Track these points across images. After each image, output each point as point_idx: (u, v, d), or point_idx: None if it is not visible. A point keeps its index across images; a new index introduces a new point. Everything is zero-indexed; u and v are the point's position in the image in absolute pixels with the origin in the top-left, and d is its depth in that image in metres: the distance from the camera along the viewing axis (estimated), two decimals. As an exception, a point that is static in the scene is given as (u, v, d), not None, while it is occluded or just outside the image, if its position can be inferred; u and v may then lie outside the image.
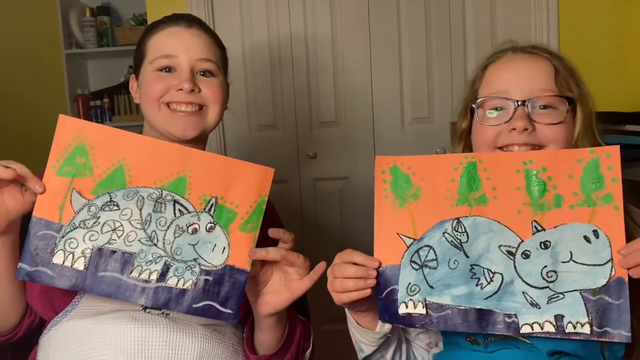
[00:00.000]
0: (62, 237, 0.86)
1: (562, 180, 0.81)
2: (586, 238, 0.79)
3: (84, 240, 0.86)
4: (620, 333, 0.75)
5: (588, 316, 0.77)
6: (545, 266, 0.80)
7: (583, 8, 2.20)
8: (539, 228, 0.81)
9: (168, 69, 1.04)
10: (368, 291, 0.85)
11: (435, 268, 0.84)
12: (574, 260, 0.79)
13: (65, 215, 0.87)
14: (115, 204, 0.88)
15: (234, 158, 0.91)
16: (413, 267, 0.85)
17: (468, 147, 1.01)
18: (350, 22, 2.35)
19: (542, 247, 0.80)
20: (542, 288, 0.79)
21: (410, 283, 0.85)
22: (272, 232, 0.91)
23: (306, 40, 2.38)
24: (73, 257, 0.86)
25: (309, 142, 2.42)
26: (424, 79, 2.34)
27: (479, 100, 0.96)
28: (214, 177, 0.89)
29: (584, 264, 0.78)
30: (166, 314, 0.98)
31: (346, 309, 0.93)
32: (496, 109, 0.94)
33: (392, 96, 2.36)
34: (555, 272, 0.79)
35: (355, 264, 0.86)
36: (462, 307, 0.82)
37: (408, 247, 0.86)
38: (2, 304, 0.97)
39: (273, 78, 2.40)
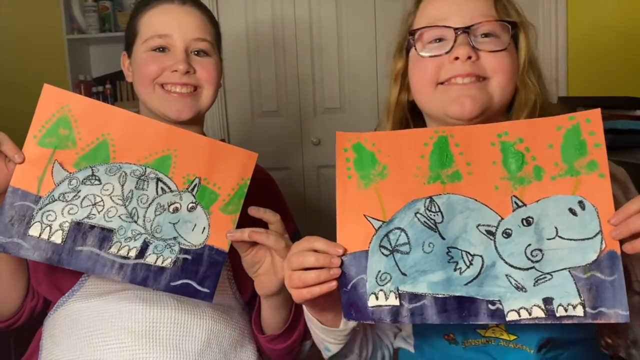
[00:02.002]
0: (40, 209, 0.84)
1: (541, 150, 0.73)
2: (571, 211, 0.71)
3: (62, 214, 0.84)
4: (617, 312, 0.66)
5: (580, 296, 0.68)
6: (529, 245, 0.71)
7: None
8: (520, 204, 0.73)
9: (162, 49, 1.01)
10: (333, 284, 0.75)
11: (407, 253, 0.75)
12: (560, 236, 0.70)
13: (44, 187, 0.84)
14: (97, 178, 0.86)
15: (226, 142, 0.90)
16: (383, 253, 0.75)
17: (406, 90, 0.92)
18: (355, 7, 2.31)
19: (525, 224, 0.72)
20: (527, 269, 0.71)
21: (380, 271, 0.75)
22: (252, 211, 0.89)
23: (310, 25, 2.34)
24: (50, 230, 0.84)
25: (313, 128, 2.38)
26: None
27: (415, 33, 0.87)
28: (199, 158, 0.89)
29: (571, 239, 0.70)
30: None
31: (304, 307, 0.82)
32: (435, 40, 0.86)
33: None
34: (540, 250, 0.71)
35: (316, 251, 0.75)
36: (439, 296, 0.73)
37: (376, 230, 0.76)
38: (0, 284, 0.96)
39: (277, 64, 2.37)
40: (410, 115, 0.93)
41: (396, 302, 0.74)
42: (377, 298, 0.74)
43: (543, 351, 0.79)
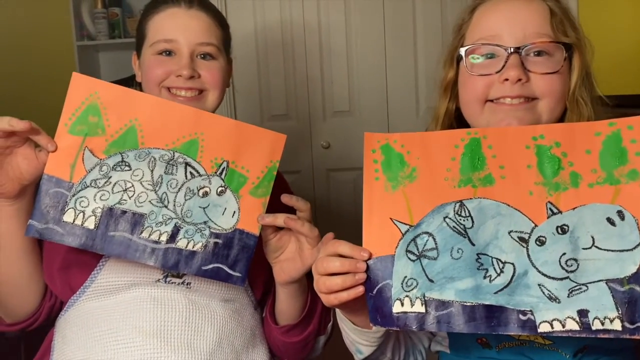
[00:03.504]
0: (73, 195, 0.86)
1: (578, 156, 0.70)
2: (610, 220, 0.68)
3: (94, 200, 0.86)
4: None
5: (617, 310, 0.65)
6: (564, 254, 0.68)
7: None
8: (555, 210, 0.70)
9: (168, 53, 1.02)
10: (360, 289, 0.73)
11: (435, 258, 0.72)
12: (596, 246, 0.67)
13: (77, 174, 0.86)
14: (127, 164, 0.87)
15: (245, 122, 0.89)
16: (409, 258, 0.73)
17: (454, 99, 0.91)
18: (364, 9, 2.29)
19: (560, 232, 0.69)
20: (562, 279, 0.68)
21: (406, 277, 0.72)
22: (285, 198, 0.90)
23: (319, 28, 2.33)
24: (83, 216, 0.85)
25: (322, 132, 2.36)
26: (439, 66, 2.27)
27: (466, 48, 0.85)
28: (226, 141, 0.88)
29: (609, 250, 0.67)
30: (187, 284, 0.96)
31: (336, 308, 0.80)
32: (485, 55, 0.83)
33: (406, 84, 2.30)
34: (575, 260, 0.68)
35: (341, 256, 0.73)
36: (467, 304, 0.70)
37: (403, 234, 0.74)
38: (19, 277, 0.96)
39: (286, 67, 2.35)
40: (457, 123, 0.92)
41: (422, 309, 0.71)
42: (402, 304, 0.72)
43: (579, 356, 0.76)
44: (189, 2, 1.04)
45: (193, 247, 0.87)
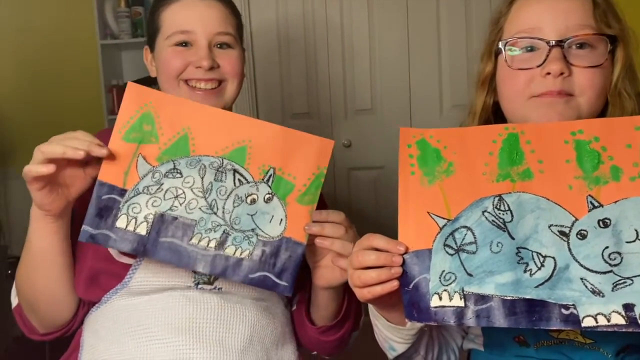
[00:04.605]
0: (126, 201, 0.86)
1: (618, 150, 0.70)
2: (654, 213, 0.67)
3: (146, 206, 0.86)
4: None
5: None
6: (607, 247, 0.67)
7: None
8: (596, 204, 0.69)
9: (185, 44, 1.01)
10: (395, 284, 0.72)
11: (474, 252, 0.71)
12: (640, 240, 0.66)
13: (130, 181, 0.87)
14: (178, 171, 0.88)
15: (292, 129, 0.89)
16: (447, 252, 0.72)
17: (492, 93, 0.89)
18: (387, 7, 2.28)
19: (601, 225, 0.68)
20: (605, 273, 0.67)
21: (444, 271, 0.72)
22: (316, 216, 0.88)
23: (342, 26, 2.32)
24: (136, 222, 0.86)
25: (344, 130, 2.35)
26: (464, 62, 2.22)
27: (506, 41, 0.83)
28: (273, 147, 0.88)
29: (653, 244, 0.66)
30: (218, 289, 0.96)
31: (369, 304, 0.79)
32: (525, 49, 0.81)
33: (430, 81, 2.28)
34: (619, 253, 0.67)
35: (377, 250, 0.73)
36: (508, 298, 0.69)
37: (441, 228, 0.73)
38: (59, 290, 0.96)
39: (308, 65, 2.35)
40: (494, 118, 0.90)
41: (461, 303, 0.70)
42: (440, 298, 0.71)
43: (621, 356, 0.74)
44: None
45: (240, 254, 0.86)
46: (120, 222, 0.85)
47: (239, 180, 0.87)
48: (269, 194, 0.87)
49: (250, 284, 0.87)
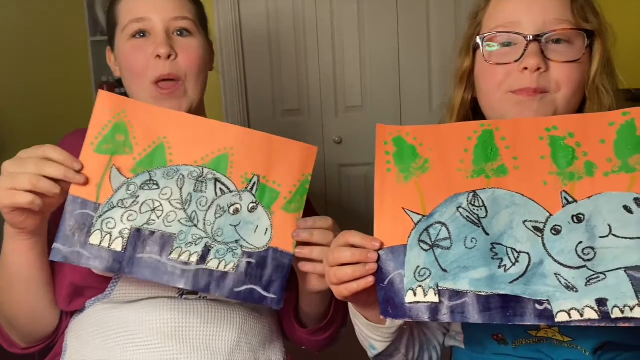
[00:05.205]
0: (100, 216, 0.81)
1: (592, 146, 0.70)
2: (627, 208, 0.67)
3: (122, 221, 0.82)
4: None
5: (637, 298, 0.64)
6: (580, 242, 0.67)
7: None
8: (570, 199, 0.69)
9: (142, 34, 0.96)
10: (370, 279, 0.71)
11: (448, 248, 0.71)
12: (614, 235, 0.66)
13: (103, 194, 0.82)
14: (154, 182, 0.83)
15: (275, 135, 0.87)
16: (422, 248, 0.72)
17: (470, 89, 0.88)
18: (377, 3, 2.29)
19: (575, 220, 0.68)
20: (578, 268, 0.67)
21: (418, 266, 0.71)
22: (302, 224, 0.84)
23: (332, 22, 2.32)
24: (110, 238, 0.81)
25: (334, 127, 2.36)
26: (454, 55, 2.25)
27: (484, 36, 0.83)
28: (256, 154, 0.85)
29: (626, 238, 0.66)
30: (203, 297, 0.93)
31: (349, 303, 0.78)
32: (503, 44, 0.81)
33: (419, 79, 2.29)
34: (592, 248, 0.67)
35: (353, 246, 0.72)
36: (482, 293, 0.69)
37: (416, 224, 0.73)
38: (39, 305, 0.93)
39: (298, 62, 2.35)
40: (472, 114, 0.89)
41: (435, 299, 0.70)
42: (415, 294, 0.71)
43: (599, 353, 0.74)
44: None
45: (225, 267, 0.82)
46: (94, 239, 0.81)
47: (220, 189, 0.84)
48: (253, 202, 0.84)
49: (236, 298, 0.83)
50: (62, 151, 0.80)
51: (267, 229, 0.84)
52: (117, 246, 0.81)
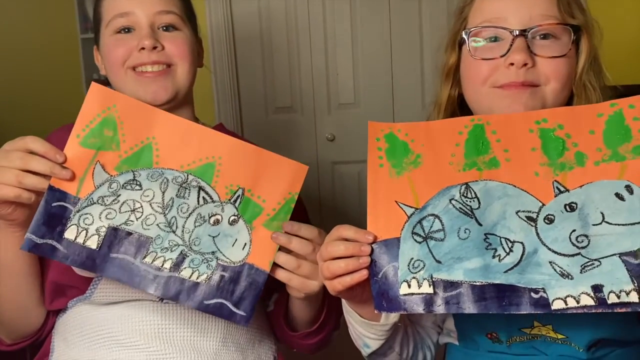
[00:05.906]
0: (78, 211, 0.80)
1: (582, 136, 0.70)
2: (618, 195, 0.67)
3: (100, 218, 0.80)
4: None
5: (633, 282, 0.64)
6: (574, 230, 0.67)
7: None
8: (562, 189, 0.69)
9: (127, 30, 0.94)
10: (364, 273, 0.71)
11: (442, 240, 0.71)
12: (607, 222, 0.66)
13: (84, 189, 0.80)
14: (138, 183, 0.82)
15: (266, 149, 0.84)
16: (415, 240, 0.72)
17: (457, 85, 0.88)
18: (369, 0, 2.29)
19: (568, 209, 0.68)
20: (573, 255, 0.67)
21: (412, 258, 0.71)
22: (288, 227, 0.82)
23: (324, 19, 2.32)
24: (86, 234, 0.80)
25: (327, 124, 2.36)
26: (440, 51, 2.27)
27: (469, 31, 0.82)
28: (244, 167, 0.83)
29: (619, 224, 0.66)
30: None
31: (342, 299, 0.78)
32: (489, 39, 0.81)
33: (412, 76, 2.29)
34: (586, 236, 0.67)
35: (347, 240, 0.72)
36: (477, 283, 0.69)
37: (409, 217, 0.73)
38: (27, 300, 0.92)
39: (291, 59, 2.35)
40: (459, 110, 0.89)
41: (430, 290, 0.70)
42: (409, 286, 0.71)
43: (593, 350, 0.74)
44: None
45: (197, 278, 0.80)
46: (69, 233, 0.79)
47: (203, 198, 0.82)
48: (234, 215, 0.82)
49: (205, 311, 0.81)
50: (45, 142, 0.79)
51: (245, 244, 0.82)
52: (92, 243, 0.79)
